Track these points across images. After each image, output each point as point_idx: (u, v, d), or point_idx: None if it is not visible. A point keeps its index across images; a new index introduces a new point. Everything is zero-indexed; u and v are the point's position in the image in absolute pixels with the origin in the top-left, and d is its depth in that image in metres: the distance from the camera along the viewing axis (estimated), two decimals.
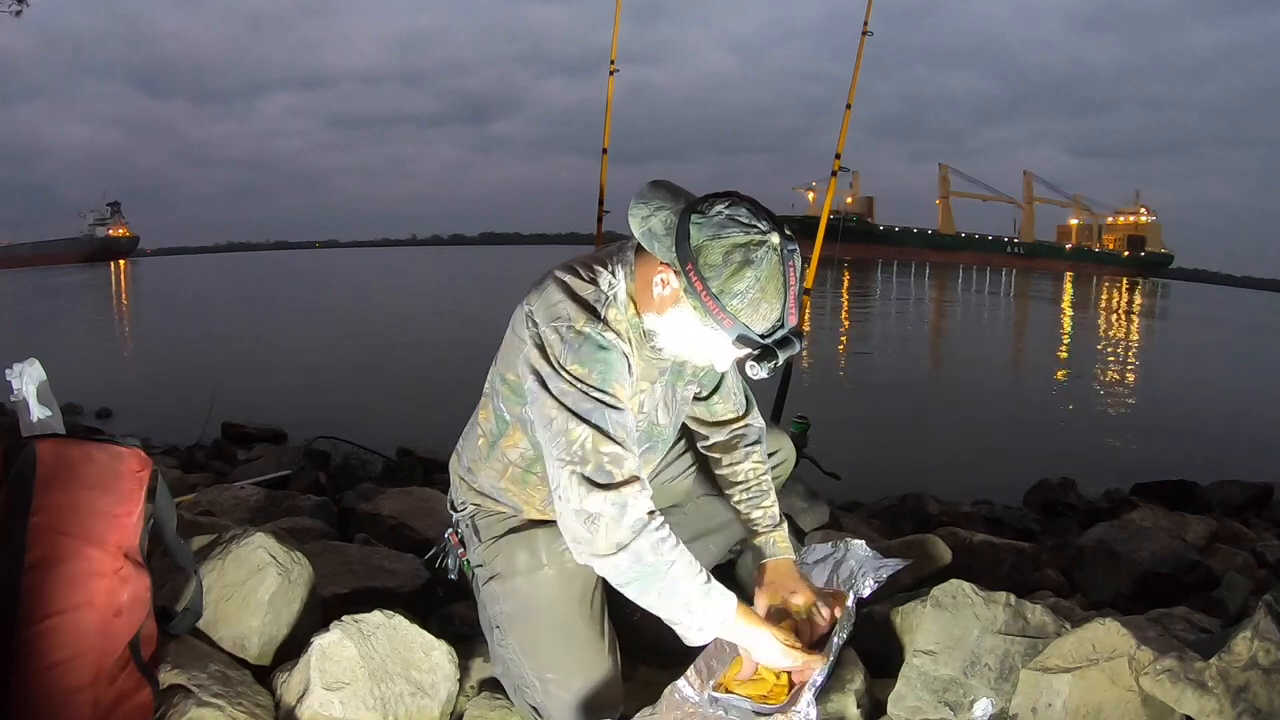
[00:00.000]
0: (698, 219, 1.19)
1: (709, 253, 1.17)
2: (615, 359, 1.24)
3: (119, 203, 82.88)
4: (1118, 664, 1.28)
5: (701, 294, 1.18)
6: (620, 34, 3.59)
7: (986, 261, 76.98)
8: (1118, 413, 9.09)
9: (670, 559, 1.20)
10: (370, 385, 8.71)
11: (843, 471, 3.22)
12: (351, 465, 4.39)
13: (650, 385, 1.39)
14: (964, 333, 18.72)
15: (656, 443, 1.47)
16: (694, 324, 1.23)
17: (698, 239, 1.18)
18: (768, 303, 1.18)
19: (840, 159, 3.37)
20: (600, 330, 1.24)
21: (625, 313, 1.30)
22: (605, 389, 1.21)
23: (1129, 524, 2.61)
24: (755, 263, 1.17)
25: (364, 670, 1.40)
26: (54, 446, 1.24)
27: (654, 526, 1.20)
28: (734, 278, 1.17)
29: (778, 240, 1.18)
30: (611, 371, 1.23)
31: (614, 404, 1.21)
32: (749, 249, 1.17)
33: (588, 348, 1.22)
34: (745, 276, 1.16)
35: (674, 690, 1.33)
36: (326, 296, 26.34)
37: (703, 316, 1.20)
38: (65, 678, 1.16)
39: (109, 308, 23.19)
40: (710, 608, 1.23)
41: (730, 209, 1.19)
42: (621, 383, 1.24)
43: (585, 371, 1.22)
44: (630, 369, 1.27)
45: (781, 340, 1.20)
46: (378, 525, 2.40)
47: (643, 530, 1.18)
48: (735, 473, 1.56)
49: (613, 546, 1.18)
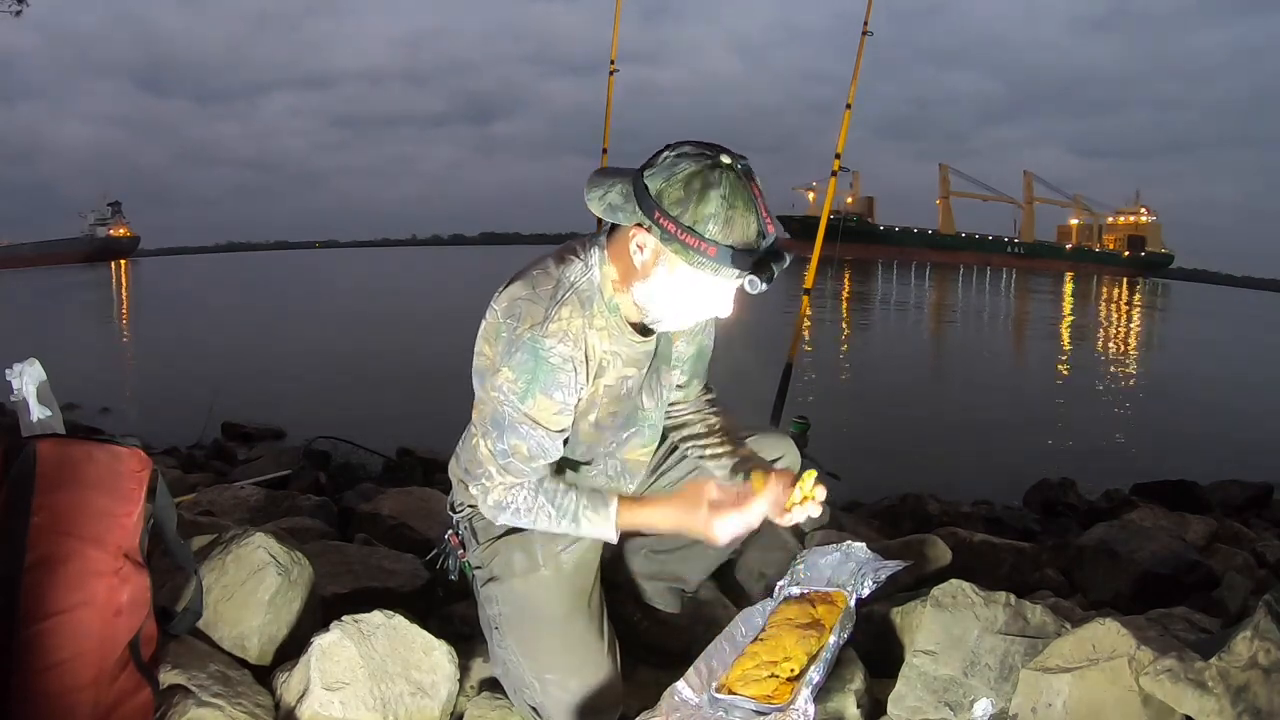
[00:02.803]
0: (649, 172, 1.21)
1: (669, 192, 1.19)
2: (544, 371, 1.27)
3: (120, 202, 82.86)
4: (1118, 664, 1.28)
5: (677, 233, 1.19)
6: (625, 34, 3.59)
7: (987, 261, 76.96)
8: (1118, 413, 9.09)
9: (535, 521, 1.34)
10: (370, 385, 8.71)
11: (843, 471, 3.22)
12: (351, 465, 4.40)
13: (637, 370, 1.39)
14: (964, 333, 18.71)
15: (643, 426, 1.46)
16: (683, 274, 1.23)
17: (656, 187, 1.20)
18: (741, 217, 1.19)
19: (840, 159, 3.37)
20: (539, 336, 1.26)
21: (591, 306, 1.30)
22: (522, 404, 1.28)
23: (1129, 524, 2.61)
24: (715, 183, 1.18)
25: (364, 670, 1.40)
26: (54, 446, 1.24)
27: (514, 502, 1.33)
28: (700, 204, 1.18)
29: (728, 159, 1.20)
30: (536, 384, 1.27)
31: (519, 423, 1.29)
32: (705, 174, 1.18)
33: (522, 354, 1.26)
34: (711, 199, 1.18)
35: (673, 692, 1.33)
36: (327, 296, 26.35)
37: (687, 257, 1.20)
38: (65, 678, 1.16)
39: (109, 308, 23.19)
40: (593, 531, 1.35)
41: (675, 151, 1.21)
42: (549, 391, 1.28)
43: (513, 377, 1.27)
44: (583, 360, 1.30)
45: (771, 251, 1.21)
46: (378, 525, 2.40)
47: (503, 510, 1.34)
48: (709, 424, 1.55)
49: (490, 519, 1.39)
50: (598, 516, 1.33)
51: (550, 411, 1.30)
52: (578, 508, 1.33)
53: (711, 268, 1.20)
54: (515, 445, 1.30)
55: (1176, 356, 16.23)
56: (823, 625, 1.47)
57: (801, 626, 1.47)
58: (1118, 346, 16.79)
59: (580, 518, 1.33)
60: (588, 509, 1.33)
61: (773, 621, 1.50)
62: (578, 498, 1.34)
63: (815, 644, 1.42)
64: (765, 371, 3.37)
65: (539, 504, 1.33)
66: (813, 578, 1.64)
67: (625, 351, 1.36)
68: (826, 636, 1.43)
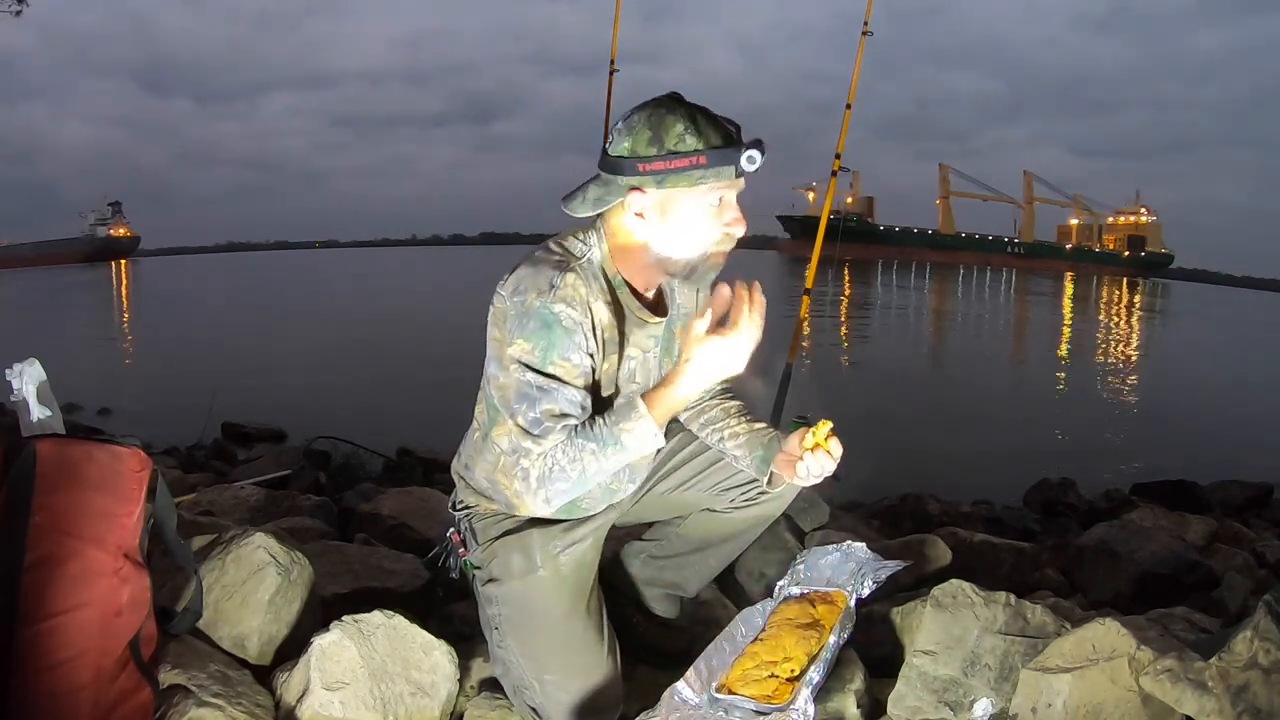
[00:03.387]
0: (610, 147, 1.29)
1: (638, 143, 1.26)
2: (559, 334, 1.26)
3: (120, 202, 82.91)
4: (1118, 664, 1.28)
5: (666, 167, 1.24)
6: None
7: (987, 261, 76.91)
8: (1118, 413, 9.09)
9: (578, 477, 1.26)
10: (370, 385, 8.71)
11: (842, 471, 3.22)
12: (351, 465, 4.40)
13: (642, 354, 1.40)
14: (964, 333, 18.71)
15: None
16: (689, 202, 1.27)
17: (624, 149, 1.27)
18: (707, 122, 1.25)
19: (840, 159, 3.37)
20: (548, 302, 1.26)
21: (595, 281, 1.32)
22: (544, 367, 1.26)
23: (1129, 524, 2.61)
24: (669, 110, 1.26)
25: (364, 670, 1.40)
26: (54, 446, 1.24)
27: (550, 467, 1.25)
28: (668, 131, 1.24)
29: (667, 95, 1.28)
30: (554, 347, 1.27)
31: (547, 386, 1.26)
32: (655, 110, 1.26)
33: (533, 322, 1.26)
34: (672, 122, 1.24)
35: (673, 693, 1.33)
36: (327, 296, 26.34)
37: (686, 180, 1.25)
38: (65, 678, 1.16)
39: (110, 308, 23.19)
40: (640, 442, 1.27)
41: (622, 119, 1.29)
42: (566, 354, 1.27)
43: (529, 346, 1.27)
44: (590, 330, 1.29)
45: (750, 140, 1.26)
46: (378, 525, 2.40)
47: (550, 481, 1.26)
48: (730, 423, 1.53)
49: (540, 510, 1.31)
50: (635, 425, 1.27)
51: (572, 374, 1.28)
52: (613, 429, 1.27)
53: (712, 174, 1.25)
54: (546, 409, 1.26)
55: (1176, 357, 16.23)
56: (823, 625, 1.47)
57: (801, 626, 1.47)
58: (1117, 347, 16.78)
59: (620, 436, 1.27)
60: (622, 424, 1.27)
61: (773, 621, 1.50)
62: (607, 420, 1.28)
63: (815, 644, 1.42)
64: (765, 372, 3.37)
65: (578, 446, 1.26)
66: (813, 578, 1.64)
67: (633, 333, 1.37)
68: (826, 636, 1.43)
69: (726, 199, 1.29)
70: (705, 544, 1.62)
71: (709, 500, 1.58)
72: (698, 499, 1.59)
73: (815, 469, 1.36)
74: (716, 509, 1.58)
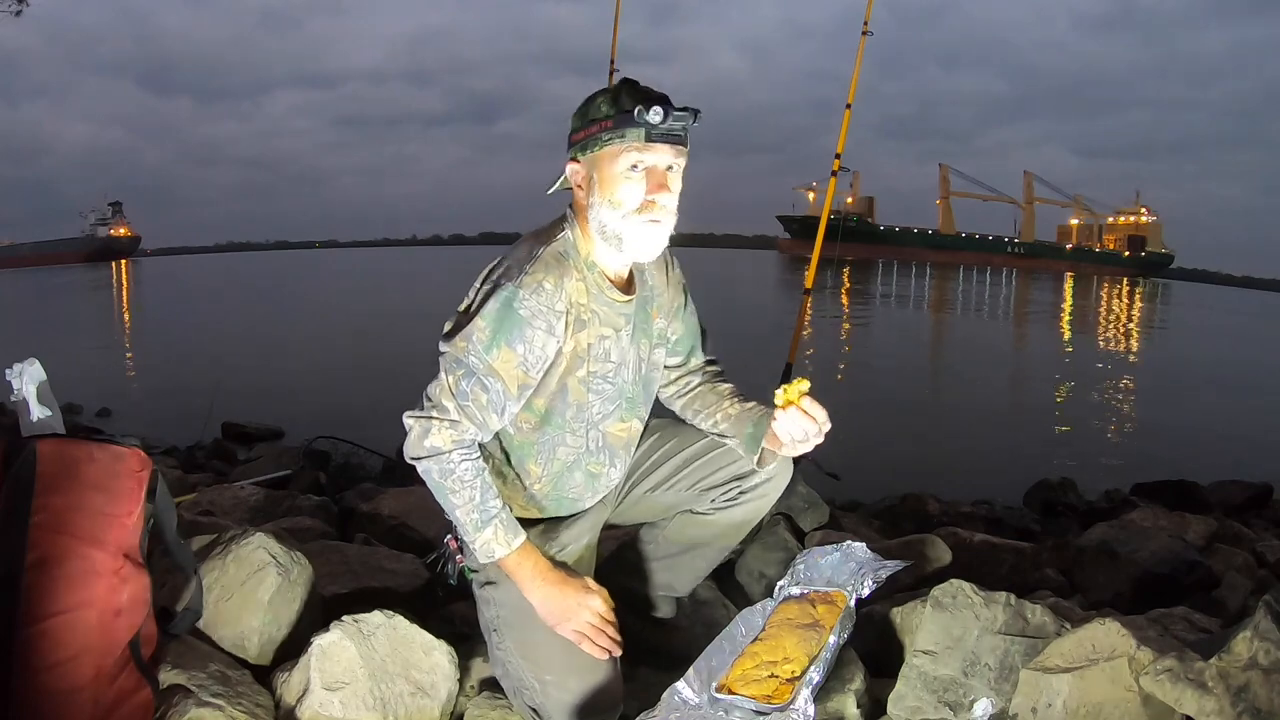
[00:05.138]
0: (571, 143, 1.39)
1: (573, 121, 1.38)
2: (510, 322, 1.32)
3: (120, 202, 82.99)
4: (1118, 664, 1.28)
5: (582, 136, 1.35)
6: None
7: (987, 261, 76.91)
8: (1118, 412, 9.09)
9: (452, 488, 1.33)
10: (370, 385, 8.71)
11: (843, 471, 3.22)
12: (351, 465, 4.39)
13: (615, 333, 1.42)
14: (964, 333, 18.71)
15: (622, 400, 1.47)
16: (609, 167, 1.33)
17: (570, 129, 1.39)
18: (627, 93, 1.33)
19: (840, 159, 3.37)
20: (515, 287, 1.32)
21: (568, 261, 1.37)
22: (487, 353, 1.32)
23: (1129, 524, 2.61)
24: (603, 91, 1.37)
25: (364, 670, 1.40)
26: (54, 446, 1.24)
27: (451, 459, 1.32)
28: (591, 105, 1.36)
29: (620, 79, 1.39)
30: (501, 334, 1.32)
31: (482, 374, 1.32)
32: (595, 93, 1.38)
33: (493, 303, 1.33)
34: (597, 97, 1.36)
35: (673, 693, 1.33)
36: (327, 296, 26.34)
37: (597, 145, 1.33)
38: (65, 678, 1.16)
39: (110, 307, 23.19)
40: (478, 545, 1.36)
41: None
42: (513, 343, 1.33)
43: (483, 325, 1.33)
44: (559, 312, 1.34)
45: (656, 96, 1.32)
46: (378, 525, 2.40)
47: (435, 457, 1.32)
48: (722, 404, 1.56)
49: (410, 457, 1.36)
50: (503, 535, 1.35)
51: (512, 365, 1.34)
52: (497, 514, 1.35)
53: (618, 135, 1.31)
54: (476, 392, 1.33)
55: (1176, 357, 16.22)
56: (823, 625, 1.47)
57: (801, 627, 1.47)
58: (1117, 346, 16.78)
59: (493, 522, 1.35)
60: (501, 524, 1.35)
61: (772, 621, 1.50)
62: (502, 509, 1.36)
63: (815, 644, 1.42)
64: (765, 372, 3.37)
65: (471, 483, 1.33)
66: (813, 578, 1.64)
67: (604, 311, 1.40)
68: (826, 636, 1.43)
69: (649, 165, 1.33)
70: (691, 546, 1.63)
71: (690, 501, 1.59)
72: (679, 499, 1.59)
73: (791, 428, 1.37)
74: (698, 511, 1.59)
